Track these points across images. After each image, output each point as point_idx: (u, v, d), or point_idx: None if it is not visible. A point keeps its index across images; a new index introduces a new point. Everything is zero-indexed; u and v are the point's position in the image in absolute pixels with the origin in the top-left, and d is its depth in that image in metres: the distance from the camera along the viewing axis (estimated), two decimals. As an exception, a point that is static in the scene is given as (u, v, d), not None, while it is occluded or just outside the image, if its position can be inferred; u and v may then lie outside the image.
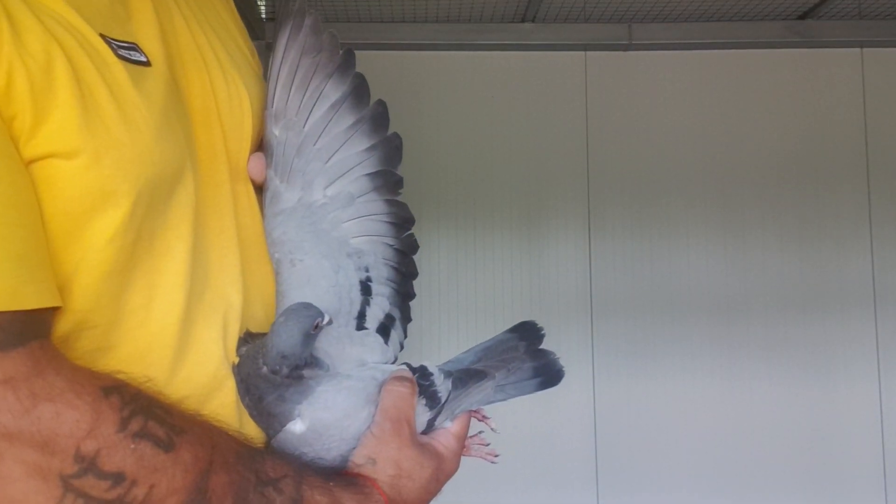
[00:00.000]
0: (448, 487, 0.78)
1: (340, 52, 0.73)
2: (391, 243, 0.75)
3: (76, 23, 0.58)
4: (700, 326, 2.65)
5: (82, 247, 0.56)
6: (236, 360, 0.66)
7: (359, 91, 0.73)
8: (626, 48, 2.69)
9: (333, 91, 0.72)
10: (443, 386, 0.72)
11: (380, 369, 0.71)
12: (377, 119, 0.74)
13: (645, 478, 2.61)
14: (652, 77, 2.72)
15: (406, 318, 0.76)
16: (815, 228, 2.67)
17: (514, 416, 2.59)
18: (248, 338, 0.68)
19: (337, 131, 0.72)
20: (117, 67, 0.59)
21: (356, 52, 0.77)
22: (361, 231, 0.74)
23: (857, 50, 2.71)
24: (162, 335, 0.61)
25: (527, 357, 0.78)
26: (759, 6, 2.58)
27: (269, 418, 0.65)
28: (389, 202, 0.75)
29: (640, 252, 2.67)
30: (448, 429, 0.75)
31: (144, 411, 0.55)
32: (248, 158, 0.73)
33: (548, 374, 0.77)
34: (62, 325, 0.57)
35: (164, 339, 0.61)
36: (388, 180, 0.75)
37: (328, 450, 0.65)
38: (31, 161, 0.55)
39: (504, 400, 0.77)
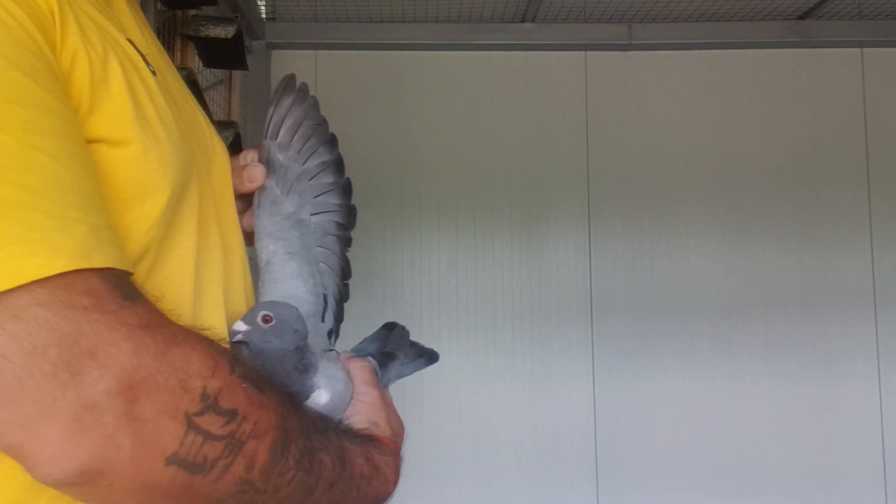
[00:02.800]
0: (448, 486, 0.83)
1: (329, 132, 0.90)
2: (337, 283, 0.90)
3: (110, 29, 0.63)
4: (700, 326, 2.65)
5: (123, 234, 0.59)
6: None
7: (339, 163, 0.90)
8: (626, 48, 2.69)
9: (325, 154, 0.89)
10: (374, 365, 0.85)
11: (335, 353, 0.82)
12: (346, 188, 0.91)
13: (645, 477, 2.61)
14: (652, 77, 2.72)
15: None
16: (815, 228, 2.67)
17: (514, 415, 2.59)
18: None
19: (322, 182, 0.89)
20: (146, 73, 0.64)
21: (357, 53, 0.81)
22: (325, 260, 0.87)
23: (857, 50, 2.71)
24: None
25: (408, 343, 0.96)
26: (759, 6, 2.58)
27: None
28: (343, 249, 0.91)
29: (640, 252, 2.67)
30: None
31: (237, 360, 0.60)
32: (251, 164, 0.83)
33: (427, 354, 0.97)
34: None
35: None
36: (346, 235, 0.91)
37: (335, 417, 0.73)
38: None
39: (409, 374, 0.94)
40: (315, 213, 0.86)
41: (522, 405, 2.60)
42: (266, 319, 0.69)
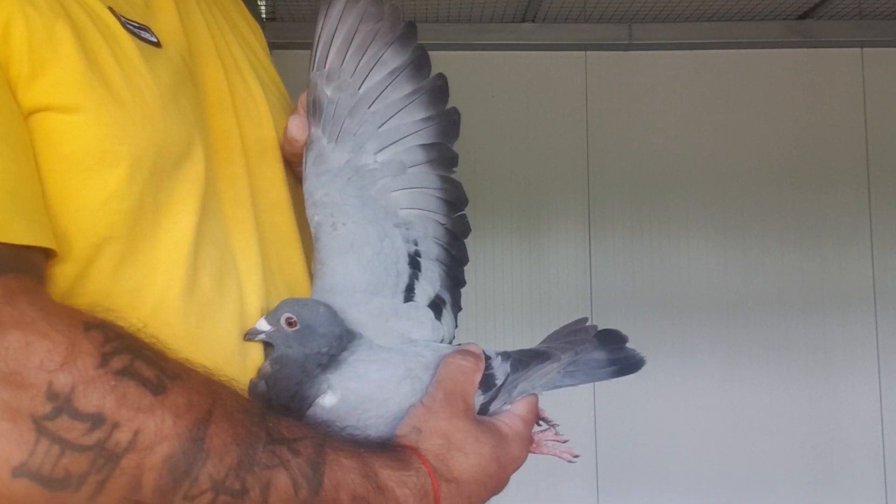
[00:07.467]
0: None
1: (402, 23, 0.71)
2: (442, 221, 0.74)
3: None
4: (700, 326, 2.65)
5: (75, 208, 0.54)
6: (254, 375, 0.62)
7: (419, 62, 0.71)
8: (626, 48, 2.69)
9: (393, 59, 0.70)
10: (500, 369, 0.67)
11: (431, 347, 0.67)
12: (436, 91, 0.72)
13: (645, 478, 2.61)
14: (652, 77, 2.72)
15: (456, 306, 0.73)
16: (815, 228, 2.66)
17: (514, 416, 2.59)
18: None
19: (393, 98, 0.70)
20: (125, 39, 0.59)
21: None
22: (411, 203, 0.71)
23: (857, 50, 2.71)
24: (160, 313, 0.58)
25: (598, 342, 0.73)
26: (759, 6, 2.57)
27: (299, 401, 0.60)
28: (442, 178, 0.73)
29: (640, 252, 2.67)
30: (511, 409, 0.68)
31: (131, 350, 0.49)
32: (288, 119, 0.71)
33: (624, 363, 0.74)
34: (53, 288, 0.54)
35: (164, 318, 0.58)
36: (442, 154, 0.73)
37: (364, 427, 0.60)
38: (28, 113, 0.54)
39: (573, 385, 0.72)
40: (385, 147, 0.69)
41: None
42: (289, 322, 0.61)
